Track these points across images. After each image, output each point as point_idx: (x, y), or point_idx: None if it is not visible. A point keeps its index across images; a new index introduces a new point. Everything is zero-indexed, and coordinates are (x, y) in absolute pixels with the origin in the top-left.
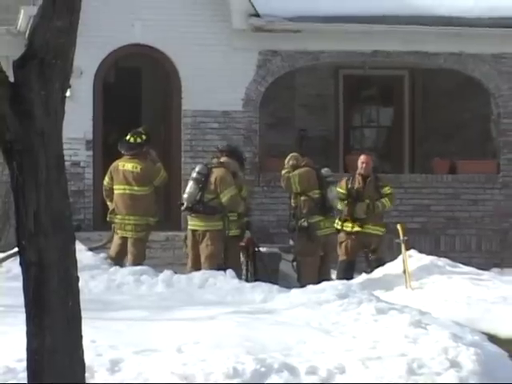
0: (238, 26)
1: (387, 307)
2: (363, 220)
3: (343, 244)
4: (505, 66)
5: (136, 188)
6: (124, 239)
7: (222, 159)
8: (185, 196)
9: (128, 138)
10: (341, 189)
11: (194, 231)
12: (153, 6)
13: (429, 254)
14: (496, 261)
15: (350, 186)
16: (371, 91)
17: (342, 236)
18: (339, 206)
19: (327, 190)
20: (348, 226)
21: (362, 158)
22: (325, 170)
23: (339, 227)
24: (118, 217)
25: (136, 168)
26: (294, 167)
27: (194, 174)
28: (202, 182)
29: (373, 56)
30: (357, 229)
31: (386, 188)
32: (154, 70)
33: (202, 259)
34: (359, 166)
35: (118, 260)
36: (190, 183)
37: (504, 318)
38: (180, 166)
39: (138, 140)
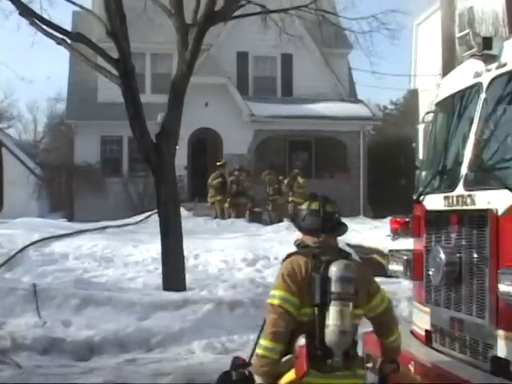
0: (245, 120)
1: None
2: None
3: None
4: (353, 137)
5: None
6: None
7: (239, 171)
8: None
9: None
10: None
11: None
12: (210, 112)
13: None
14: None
15: (289, 180)
16: (299, 146)
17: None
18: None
19: (281, 184)
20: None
21: (294, 172)
22: (280, 177)
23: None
24: None
25: None
26: (267, 175)
27: (232, 179)
28: (236, 182)
29: (300, 132)
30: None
31: (299, 178)
32: (212, 138)
33: (233, 214)
34: (293, 175)
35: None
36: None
37: (367, 238)
38: None
39: (217, 164)
